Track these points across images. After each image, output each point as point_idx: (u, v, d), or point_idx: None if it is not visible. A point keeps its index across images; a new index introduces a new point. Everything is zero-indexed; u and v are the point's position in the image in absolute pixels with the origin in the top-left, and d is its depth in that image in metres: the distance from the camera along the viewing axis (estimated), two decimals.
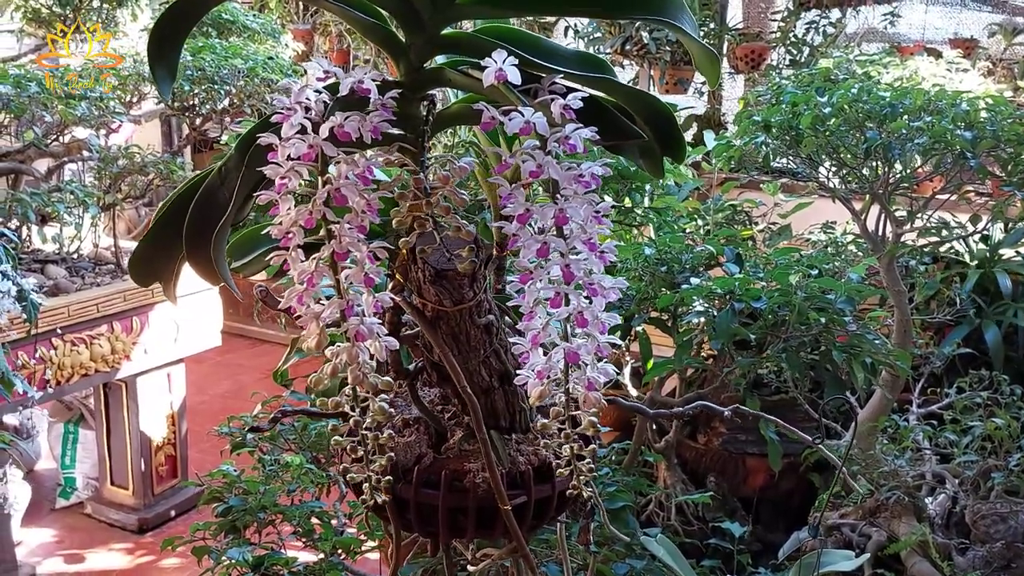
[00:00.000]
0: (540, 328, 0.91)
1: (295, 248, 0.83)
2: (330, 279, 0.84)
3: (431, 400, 1.36)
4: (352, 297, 0.85)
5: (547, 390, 0.93)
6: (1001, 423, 2.30)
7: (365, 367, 0.86)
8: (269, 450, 2.46)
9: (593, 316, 0.90)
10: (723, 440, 3.83)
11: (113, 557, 3.68)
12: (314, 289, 0.83)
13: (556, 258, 0.88)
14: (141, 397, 3.80)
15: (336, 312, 0.84)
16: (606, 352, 0.93)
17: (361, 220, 0.83)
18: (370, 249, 0.85)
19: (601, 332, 0.92)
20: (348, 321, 0.85)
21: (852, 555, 1.55)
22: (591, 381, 0.92)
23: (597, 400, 0.93)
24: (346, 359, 0.85)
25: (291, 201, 0.83)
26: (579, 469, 1.01)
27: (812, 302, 1.87)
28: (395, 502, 1.22)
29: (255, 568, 1.77)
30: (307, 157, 0.81)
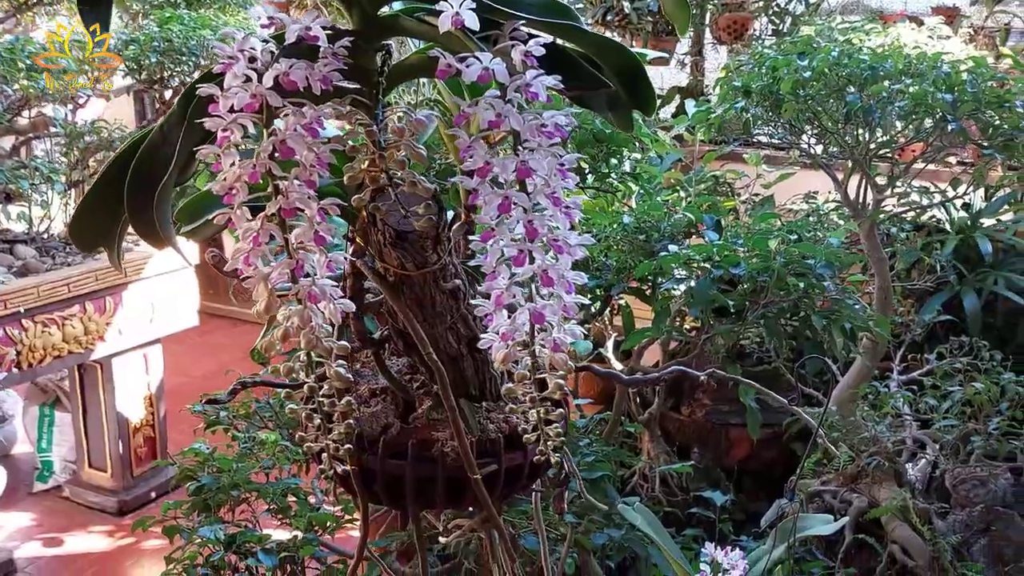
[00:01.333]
0: (503, 288, 0.88)
1: (240, 206, 0.79)
2: (278, 238, 0.80)
3: (399, 369, 1.32)
4: (302, 257, 0.80)
5: (512, 353, 0.90)
6: (980, 387, 2.29)
7: (319, 331, 0.82)
8: (245, 428, 2.43)
9: (559, 275, 0.86)
10: (706, 412, 3.82)
11: (93, 540, 3.64)
12: (260, 249, 0.79)
13: (519, 214, 0.84)
14: (117, 378, 3.74)
15: (286, 273, 0.80)
16: (573, 312, 0.89)
17: (310, 175, 0.79)
18: (321, 206, 0.81)
19: (567, 291, 0.88)
20: (299, 282, 0.81)
21: (831, 519, 1.54)
22: (557, 342, 0.89)
23: (564, 362, 0.89)
24: (298, 323, 0.81)
25: (235, 156, 0.78)
26: (546, 434, 0.98)
27: (792, 268, 1.84)
28: (362, 473, 1.18)
29: (228, 546, 1.74)
30: (250, 108, 0.77)
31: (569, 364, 0.90)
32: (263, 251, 0.79)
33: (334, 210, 0.82)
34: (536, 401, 0.94)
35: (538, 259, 0.85)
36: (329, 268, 0.83)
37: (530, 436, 1.00)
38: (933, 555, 2.42)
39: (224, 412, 2.38)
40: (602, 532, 1.71)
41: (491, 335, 0.91)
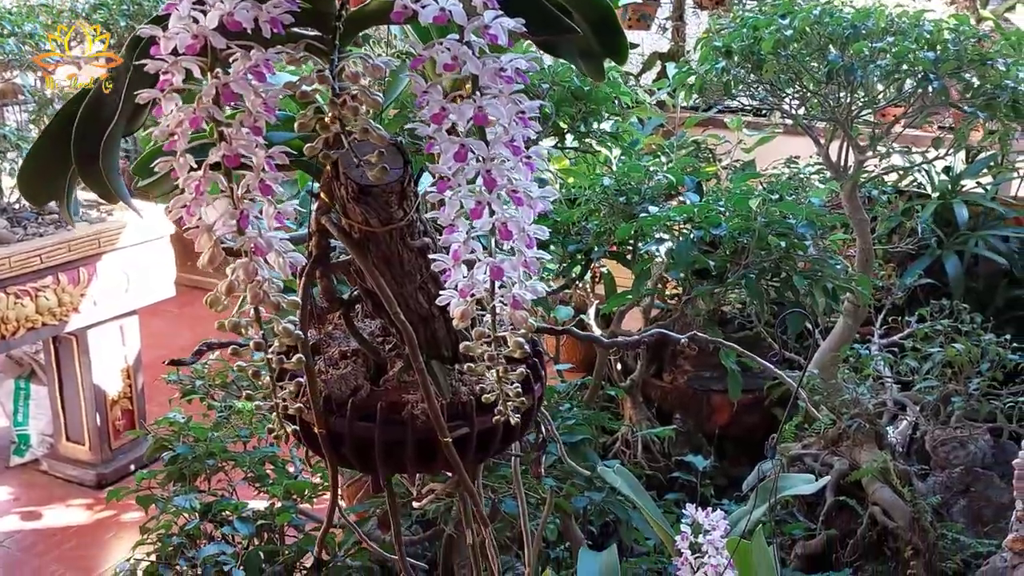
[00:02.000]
0: (461, 242, 0.84)
1: (183, 153, 0.75)
2: (223, 187, 0.76)
3: (371, 332, 1.29)
4: (248, 207, 0.77)
5: (470, 310, 0.87)
6: (961, 348, 2.28)
7: (266, 285, 0.79)
8: (222, 398, 2.39)
9: (519, 228, 0.83)
10: (688, 378, 3.82)
11: (72, 513, 3.61)
12: (204, 198, 0.75)
13: (476, 163, 0.81)
14: (93, 350, 3.69)
15: (230, 224, 0.76)
16: (534, 268, 0.86)
17: (255, 120, 0.75)
18: (269, 154, 0.77)
19: (528, 246, 0.85)
20: (245, 233, 0.77)
21: (812, 478, 1.53)
22: (518, 299, 0.86)
23: (524, 319, 0.86)
24: (243, 276, 0.78)
25: (176, 100, 0.74)
26: (506, 394, 0.95)
27: (773, 228, 1.82)
28: (330, 436, 1.15)
29: (203, 515, 1.71)
30: (191, 50, 0.73)
31: (531, 322, 0.87)
32: (207, 200, 0.75)
33: (282, 158, 0.78)
34: (495, 360, 0.91)
35: (497, 211, 0.82)
36: (278, 220, 0.79)
37: (490, 396, 0.98)
38: (914, 516, 2.42)
39: (200, 381, 2.35)
40: (583, 496, 1.70)
41: (449, 291, 0.88)
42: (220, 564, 1.58)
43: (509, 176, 0.81)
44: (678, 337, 1.30)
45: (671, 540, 1.48)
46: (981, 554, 2.48)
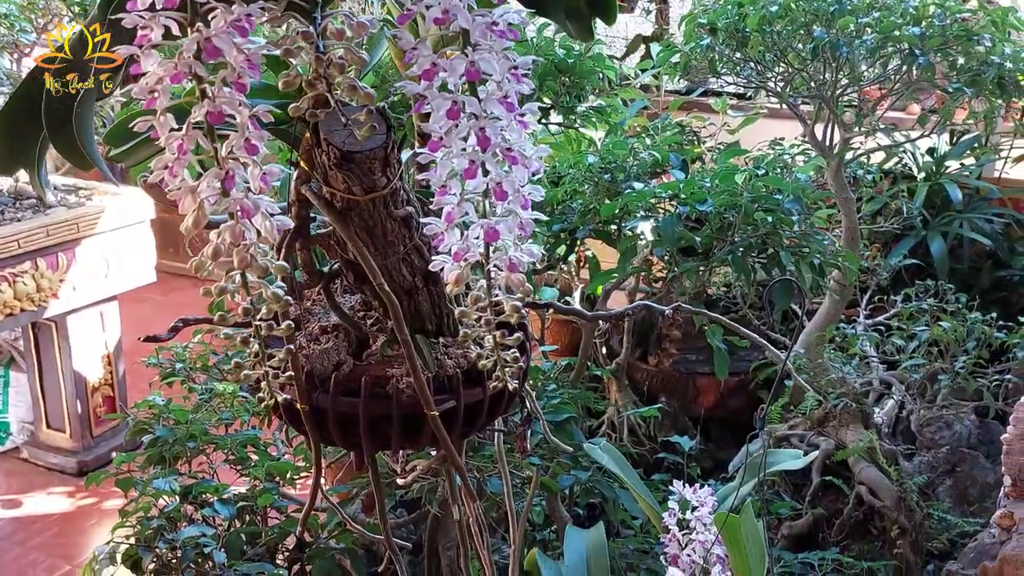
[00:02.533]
0: (455, 204, 0.82)
1: (163, 111, 0.72)
2: (207, 147, 0.74)
3: (352, 307, 1.27)
4: (232, 168, 0.74)
5: (465, 274, 0.84)
6: (947, 326, 2.28)
7: (253, 248, 0.76)
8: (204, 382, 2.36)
9: (513, 188, 0.81)
10: (673, 361, 3.80)
11: (53, 501, 3.57)
12: (186, 158, 0.73)
13: (469, 122, 0.78)
14: (73, 337, 3.64)
15: (215, 185, 0.74)
16: (529, 229, 0.84)
17: (239, 77, 0.72)
18: (253, 113, 0.75)
19: (524, 207, 0.83)
20: (230, 195, 0.74)
21: (800, 454, 1.52)
22: (514, 261, 0.84)
23: (521, 282, 0.84)
24: (229, 239, 0.75)
25: (155, 56, 0.71)
26: (503, 360, 0.93)
27: (759, 203, 1.80)
28: (313, 412, 1.13)
29: (183, 497, 1.68)
30: (170, 2, 0.70)
31: (527, 286, 0.85)
32: (189, 160, 0.73)
33: (267, 117, 0.75)
34: (492, 325, 0.89)
35: (491, 171, 0.80)
36: (264, 181, 0.77)
37: (486, 363, 0.95)
38: (900, 495, 2.43)
39: (180, 364, 2.32)
40: (569, 474, 1.68)
41: (443, 256, 0.86)
42: (200, 546, 1.55)
43: (503, 134, 0.79)
44: (663, 309, 1.29)
45: (659, 517, 1.46)
46: (967, 533, 2.49)
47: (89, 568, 1.61)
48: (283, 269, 0.80)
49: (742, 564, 1.21)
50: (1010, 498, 1.69)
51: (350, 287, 1.29)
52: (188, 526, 1.59)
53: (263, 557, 1.61)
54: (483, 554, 1.21)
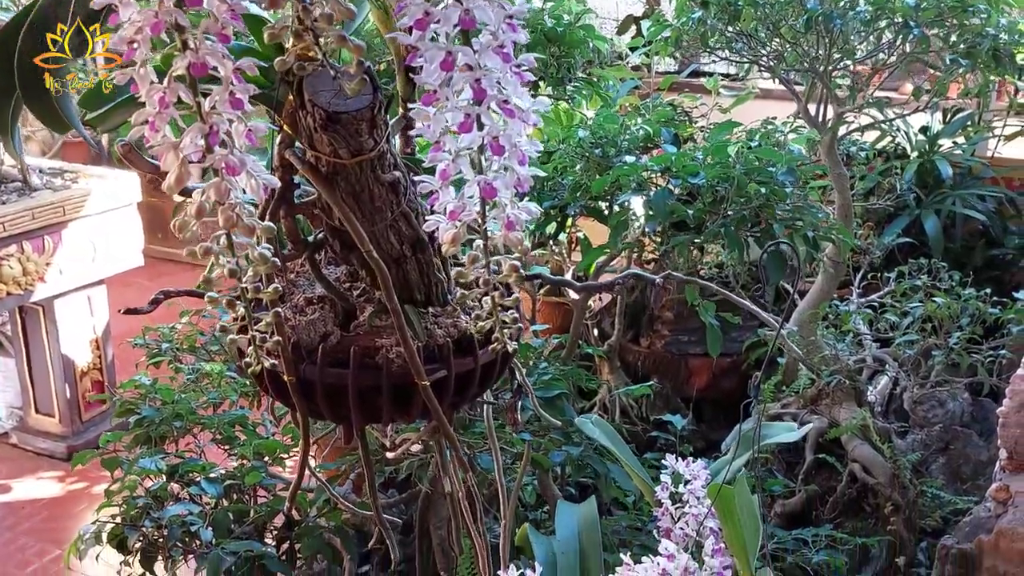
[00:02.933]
0: (449, 160, 0.79)
1: (143, 63, 0.70)
2: (189, 100, 0.71)
3: (337, 278, 1.25)
4: (216, 123, 0.71)
5: (461, 234, 0.82)
6: (941, 302, 2.27)
7: (239, 208, 0.74)
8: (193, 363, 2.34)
9: (510, 142, 0.78)
10: (666, 342, 3.79)
11: (43, 486, 3.55)
12: (168, 112, 0.70)
13: (464, 73, 0.76)
14: (61, 321, 3.60)
15: (198, 140, 0.71)
16: (527, 186, 0.81)
17: (222, 27, 0.70)
18: (237, 66, 0.72)
19: (521, 162, 0.80)
20: (214, 151, 0.72)
21: (794, 427, 1.50)
22: (512, 219, 0.81)
23: (519, 241, 0.82)
24: (214, 197, 0.73)
25: (134, 6, 0.69)
26: (503, 321, 0.90)
27: (752, 175, 1.78)
28: (300, 384, 1.11)
29: (170, 476, 1.66)
30: None
31: (525, 244, 0.82)
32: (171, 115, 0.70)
33: (252, 70, 0.72)
34: (490, 286, 0.87)
35: (487, 125, 0.77)
36: (249, 138, 0.74)
37: (484, 324, 0.93)
38: (893, 472, 2.42)
39: (167, 344, 2.30)
40: (560, 450, 1.66)
41: (437, 216, 0.83)
42: (187, 525, 1.53)
43: (499, 86, 0.76)
44: (653, 277, 1.27)
45: (651, 491, 1.45)
46: (961, 511, 2.48)
47: (74, 548, 1.59)
48: (270, 230, 0.77)
49: (736, 536, 1.20)
50: (1006, 471, 1.68)
51: (335, 258, 1.26)
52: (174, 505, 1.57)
53: (251, 536, 1.59)
54: (474, 527, 1.19)
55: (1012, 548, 1.59)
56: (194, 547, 1.55)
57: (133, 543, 1.54)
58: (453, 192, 0.81)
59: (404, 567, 2.25)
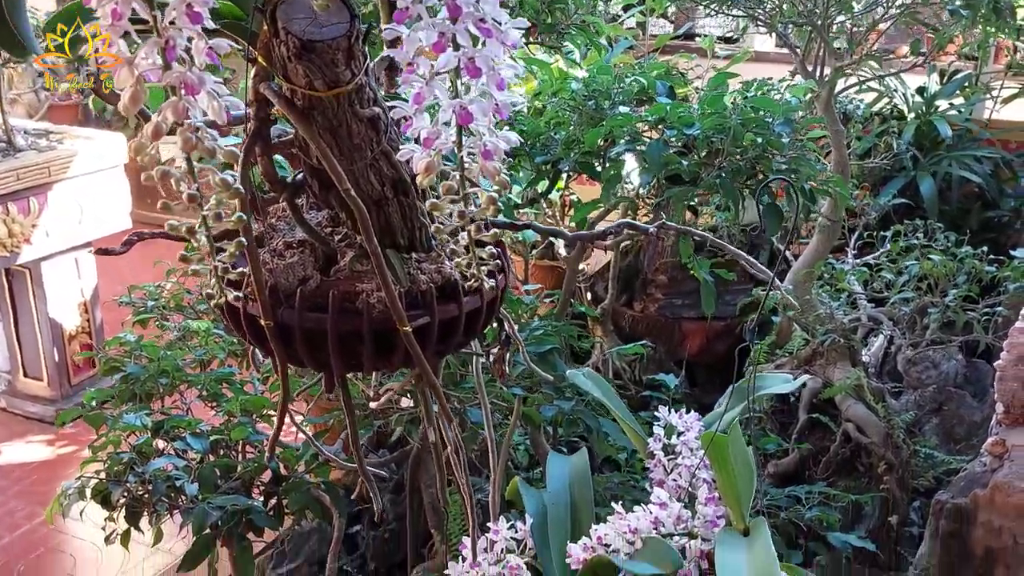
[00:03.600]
0: (423, 84, 0.75)
1: None
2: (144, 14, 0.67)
3: (319, 222, 1.21)
4: (173, 37, 0.67)
5: (435, 162, 0.78)
6: (937, 259, 2.23)
7: (199, 131, 0.70)
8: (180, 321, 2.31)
9: (488, 64, 0.74)
10: (659, 306, 3.77)
11: (32, 449, 3.53)
12: (122, 25, 0.66)
13: None
14: (48, 284, 3.57)
15: (154, 56, 0.67)
16: (506, 113, 0.77)
17: None
18: None
19: (499, 87, 0.76)
20: (172, 68, 0.68)
21: (789, 378, 1.47)
22: (489, 147, 0.77)
23: (496, 171, 0.78)
24: (171, 117, 0.69)
25: None
26: (479, 258, 0.87)
27: (749, 126, 1.73)
28: (279, 329, 1.08)
29: (155, 432, 1.63)
30: None
31: (504, 176, 0.79)
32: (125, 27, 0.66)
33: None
34: (467, 218, 0.83)
35: (463, 45, 0.73)
36: (210, 56, 0.70)
37: (461, 261, 0.90)
38: (887, 432, 2.40)
39: (153, 303, 2.26)
40: (551, 404, 1.64)
41: (411, 145, 0.80)
42: (172, 479, 1.50)
43: (476, 4, 0.72)
44: (647, 227, 1.23)
45: (645, 445, 1.42)
46: (954, 470, 2.46)
47: (57, 503, 1.56)
48: (232, 155, 0.73)
49: (730, 486, 1.17)
50: (1002, 425, 1.66)
51: (316, 203, 1.22)
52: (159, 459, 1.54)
53: (238, 491, 1.56)
54: (460, 477, 1.16)
55: (1008, 502, 1.57)
56: (179, 502, 1.53)
57: (117, 498, 1.52)
58: (428, 119, 0.77)
59: (395, 526, 2.23)
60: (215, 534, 1.51)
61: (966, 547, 1.66)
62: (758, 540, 1.11)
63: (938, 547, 1.70)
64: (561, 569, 1.22)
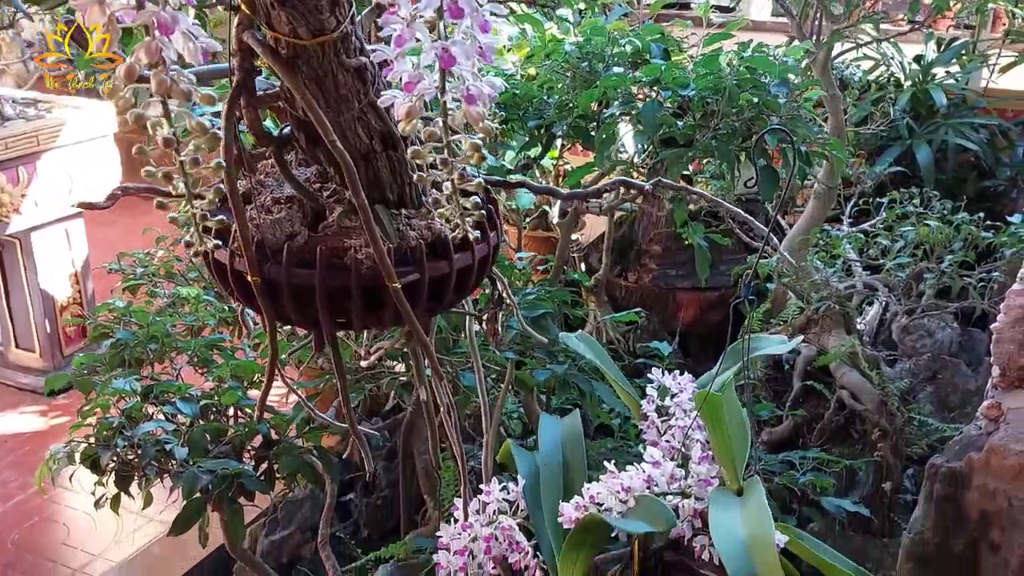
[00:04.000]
0: (404, 25, 0.73)
1: None
2: None
3: (307, 179, 1.19)
4: None
5: (417, 107, 0.76)
6: (934, 225, 2.22)
7: (173, 72, 0.67)
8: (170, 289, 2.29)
9: (471, 4, 0.72)
10: (653, 276, 3.76)
11: (25, 420, 3.51)
12: None
13: None
14: (38, 254, 3.54)
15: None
16: (490, 56, 0.75)
17: None
18: None
19: (483, 29, 0.74)
20: (145, 7, 0.65)
21: (784, 339, 1.46)
22: (472, 92, 0.75)
23: (480, 116, 0.76)
24: (145, 58, 0.66)
25: None
26: (463, 207, 0.85)
27: (744, 86, 1.71)
28: (266, 285, 1.06)
29: (144, 396, 1.62)
30: None
31: (488, 124, 0.77)
32: None
33: None
34: (449, 166, 0.81)
35: None
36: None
37: (445, 211, 0.88)
38: (881, 399, 2.39)
39: (142, 269, 2.24)
40: (544, 368, 1.62)
41: (393, 91, 0.77)
42: (162, 443, 1.49)
43: None
44: (642, 184, 1.21)
45: (638, 407, 1.41)
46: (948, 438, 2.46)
47: (46, 467, 1.55)
48: (209, 98, 0.71)
49: (724, 446, 1.16)
50: (998, 388, 1.65)
51: (305, 160, 1.20)
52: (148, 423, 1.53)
53: (228, 455, 1.55)
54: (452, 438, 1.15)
55: (1003, 465, 1.57)
56: (169, 466, 1.52)
57: (106, 463, 1.50)
58: (410, 63, 0.75)
59: (388, 492, 2.23)
60: (205, 498, 1.50)
61: (961, 510, 1.66)
62: (752, 498, 1.10)
63: (932, 511, 1.70)
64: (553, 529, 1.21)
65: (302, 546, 2.30)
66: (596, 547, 1.23)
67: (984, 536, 1.65)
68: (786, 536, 1.18)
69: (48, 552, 2.79)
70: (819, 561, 1.19)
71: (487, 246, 1.13)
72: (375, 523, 2.33)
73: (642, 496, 1.14)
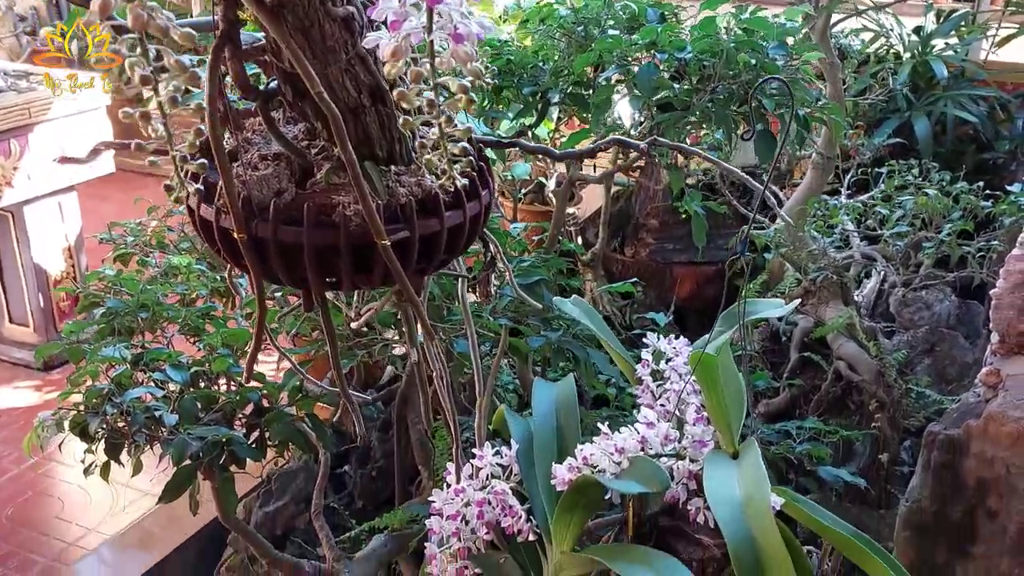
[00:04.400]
0: None
1: None
2: None
3: (295, 136, 1.16)
4: None
5: (402, 47, 0.74)
6: (933, 194, 2.20)
7: (150, 6, 0.65)
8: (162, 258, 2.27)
9: None
10: (650, 250, 3.74)
11: (19, 395, 3.50)
12: None
13: None
14: (32, 228, 3.52)
15: None
16: None
17: None
18: None
19: None
20: None
21: (781, 302, 1.44)
22: (460, 31, 0.73)
23: (468, 56, 0.74)
24: None
25: None
26: (451, 154, 0.83)
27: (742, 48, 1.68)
28: (252, 243, 1.04)
29: (135, 364, 1.60)
30: None
31: (476, 66, 0.74)
32: None
33: None
34: (436, 109, 0.79)
35: None
36: None
37: (431, 158, 0.85)
38: (879, 370, 2.38)
39: (133, 239, 2.22)
40: (539, 335, 1.60)
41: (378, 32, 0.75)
42: (152, 411, 1.47)
43: None
44: (637, 144, 1.19)
45: (633, 372, 1.39)
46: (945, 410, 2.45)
47: (34, 435, 1.53)
48: (189, 36, 0.69)
49: (719, 408, 1.15)
50: (997, 355, 1.63)
51: (293, 117, 1.18)
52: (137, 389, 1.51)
53: (219, 423, 1.53)
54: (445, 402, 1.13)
55: (1001, 431, 1.56)
56: (159, 434, 1.50)
57: (95, 430, 1.49)
58: (396, 2, 0.72)
59: (382, 463, 2.22)
60: (196, 465, 1.49)
61: (958, 478, 1.65)
62: (748, 460, 1.09)
63: (930, 479, 1.69)
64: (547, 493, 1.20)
65: (296, 517, 2.29)
66: (589, 510, 1.21)
67: (982, 503, 1.64)
68: (782, 499, 1.16)
69: (42, 526, 2.79)
70: (816, 524, 1.18)
71: (479, 204, 1.11)
72: (370, 494, 2.32)
73: (636, 457, 1.12)
